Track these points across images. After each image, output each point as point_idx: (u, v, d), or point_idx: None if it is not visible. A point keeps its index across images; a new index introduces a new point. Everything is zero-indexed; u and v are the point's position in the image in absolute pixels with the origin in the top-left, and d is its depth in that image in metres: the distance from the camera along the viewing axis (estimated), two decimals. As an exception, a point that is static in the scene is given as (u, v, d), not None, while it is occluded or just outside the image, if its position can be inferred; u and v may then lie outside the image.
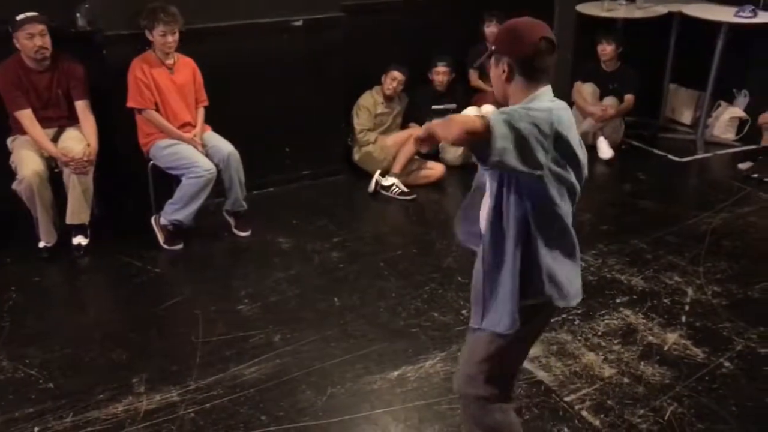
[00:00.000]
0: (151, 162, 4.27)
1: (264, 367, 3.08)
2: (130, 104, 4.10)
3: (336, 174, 5.27)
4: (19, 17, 3.86)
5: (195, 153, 4.11)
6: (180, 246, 4.18)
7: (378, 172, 5.08)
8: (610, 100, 5.71)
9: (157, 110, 4.15)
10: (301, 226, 4.52)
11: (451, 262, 4.06)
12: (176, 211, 4.10)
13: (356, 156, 5.27)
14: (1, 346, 3.21)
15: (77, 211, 4.05)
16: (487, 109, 5.24)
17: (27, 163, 3.92)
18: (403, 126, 5.35)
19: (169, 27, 4.03)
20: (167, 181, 4.28)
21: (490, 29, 5.59)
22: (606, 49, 5.67)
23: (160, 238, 4.19)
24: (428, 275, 3.90)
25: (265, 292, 3.75)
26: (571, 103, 5.85)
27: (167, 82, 4.14)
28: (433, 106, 5.40)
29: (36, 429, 2.69)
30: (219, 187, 4.23)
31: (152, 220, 4.24)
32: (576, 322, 3.44)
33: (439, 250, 4.22)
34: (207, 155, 4.17)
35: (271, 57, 4.80)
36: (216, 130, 4.37)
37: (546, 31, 1.94)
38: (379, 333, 3.36)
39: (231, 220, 4.41)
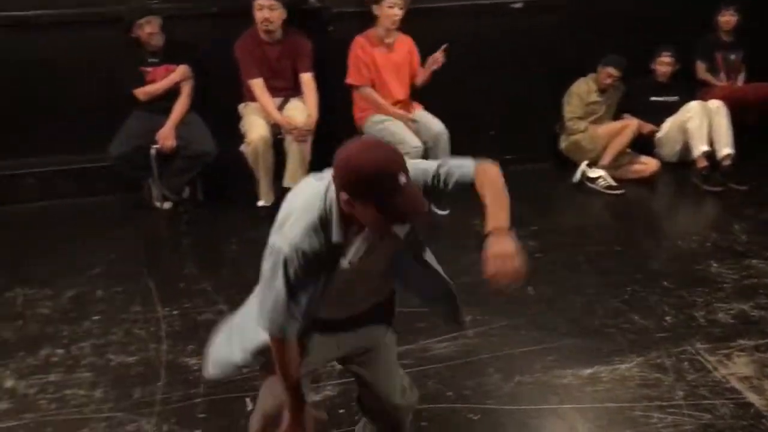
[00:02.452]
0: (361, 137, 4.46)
1: (453, 345, 3.11)
2: (348, 81, 4.30)
3: (540, 161, 5.17)
4: None
5: (404, 130, 4.23)
6: None
7: (585, 162, 4.91)
8: None
9: (373, 87, 4.31)
10: (500, 211, 4.47)
11: (658, 264, 3.84)
12: None
13: (563, 144, 5.12)
14: (223, 292, 3.54)
15: (294, 175, 4.33)
16: (715, 104, 4.87)
17: (254, 129, 4.27)
18: (617, 116, 5.10)
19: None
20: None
21: (725, 18, 5.16)
22: None
23: None
24: (631, 275, 3.71)
25: (457, 271, 3.69)
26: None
27: (385, 61, 4.29)
28: (652, 98, 5.11)
29: (244, 370, 2.93)
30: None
31: None
32: (797, 346, 3.10)
33: (646, 250, 4.00)
34: (416, 132, 4.27)
35: (488, 38, 4.80)
36: (425, 107, 4.47)
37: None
38: (573, 328, 3.26)
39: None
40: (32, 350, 3.07)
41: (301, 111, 4.33)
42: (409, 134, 4.23)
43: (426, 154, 4.26)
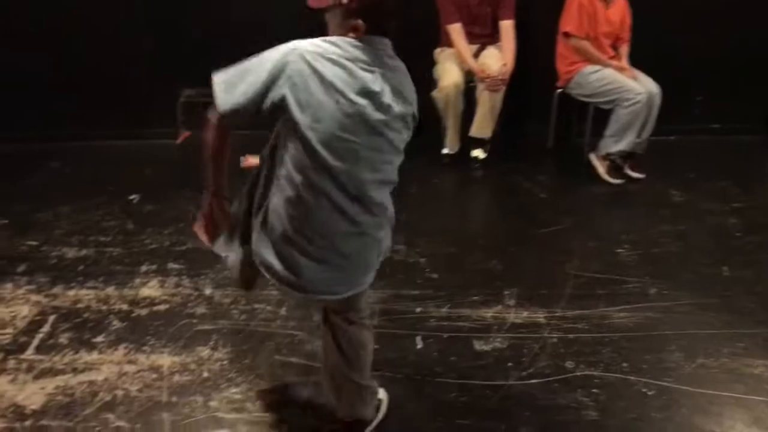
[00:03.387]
0: (559, 90, 4.31)
1: (634, 316, 2.98)
2: (565, 29, 4.13)
3: (752, 133, 4.72)
4: None
5: (626, 79, 4.04)
6: (621, 181, 4.16)
7: (806, 138, 4.42)
8: None
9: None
10: (699, 183, 4.18)
11: None
12: (615, 142, 4.09)
13: (782, 116, 4.64)
14: (400, 232, 3.61)
15: (482, 125, 4.30)
16: None
17: (448, 75, 4.25)
18: None
19: None
20: (567, 111, 4.30)
21: None
22: None
23: (601, 170, 4.20)
24: None
25: (647, 241, 3.59)
26: None
27: (603, 17, 4.10)
28: None
29: (417, 309, 3.02)
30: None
31: (591, 156, 4.26)
32: None
33: None
34: None
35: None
36: (636, 67, 4.22)
37: None
38: (771, 316, 3.00)
39: (619, 161, 4.24)
40: (228, 264, 3.35)
41: (497, 59, 4.25)
42: (633, 83, 4.03)
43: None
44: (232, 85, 1.78)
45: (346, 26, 1.84)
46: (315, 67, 1.76)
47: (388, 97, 1.84)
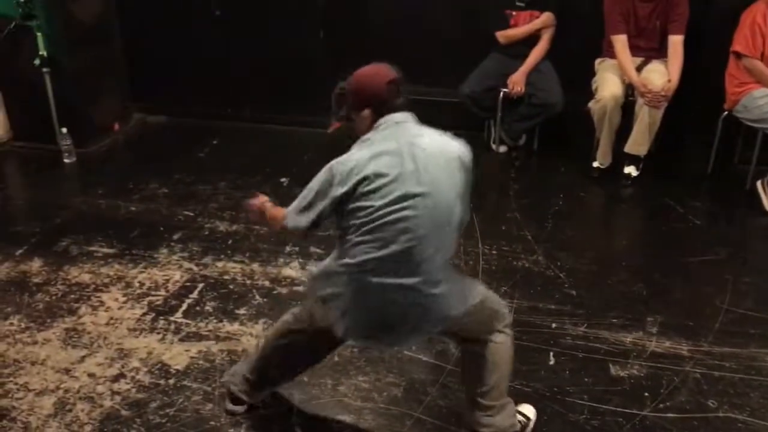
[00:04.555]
0: (725, 112, 4.05)
1: (789, 363, 2.75)
2: (735, 48, 3.87)
3: None
4: None
5: None
6: None
7: None
8: None
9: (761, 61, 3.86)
10: None
11: None
12: None
13: None
14: (541, 243, 3.55)
15: (638, 142, 4.10)
16: None
17: (607, 86, 4.10)
18: None
19: None
20: (732, 135, 4.04)
21: None
22: None
23: (766, 201, 3.90)
24: None
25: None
26: None
27: None
28: None
29: (553, 325, 2.94)
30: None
31: (758, 183, 3.97)
32: None
33: None
34: None
35: None
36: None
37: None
38: None
39: None
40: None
41: (660, 75, 4.04)
42: None
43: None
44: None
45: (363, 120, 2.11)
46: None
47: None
